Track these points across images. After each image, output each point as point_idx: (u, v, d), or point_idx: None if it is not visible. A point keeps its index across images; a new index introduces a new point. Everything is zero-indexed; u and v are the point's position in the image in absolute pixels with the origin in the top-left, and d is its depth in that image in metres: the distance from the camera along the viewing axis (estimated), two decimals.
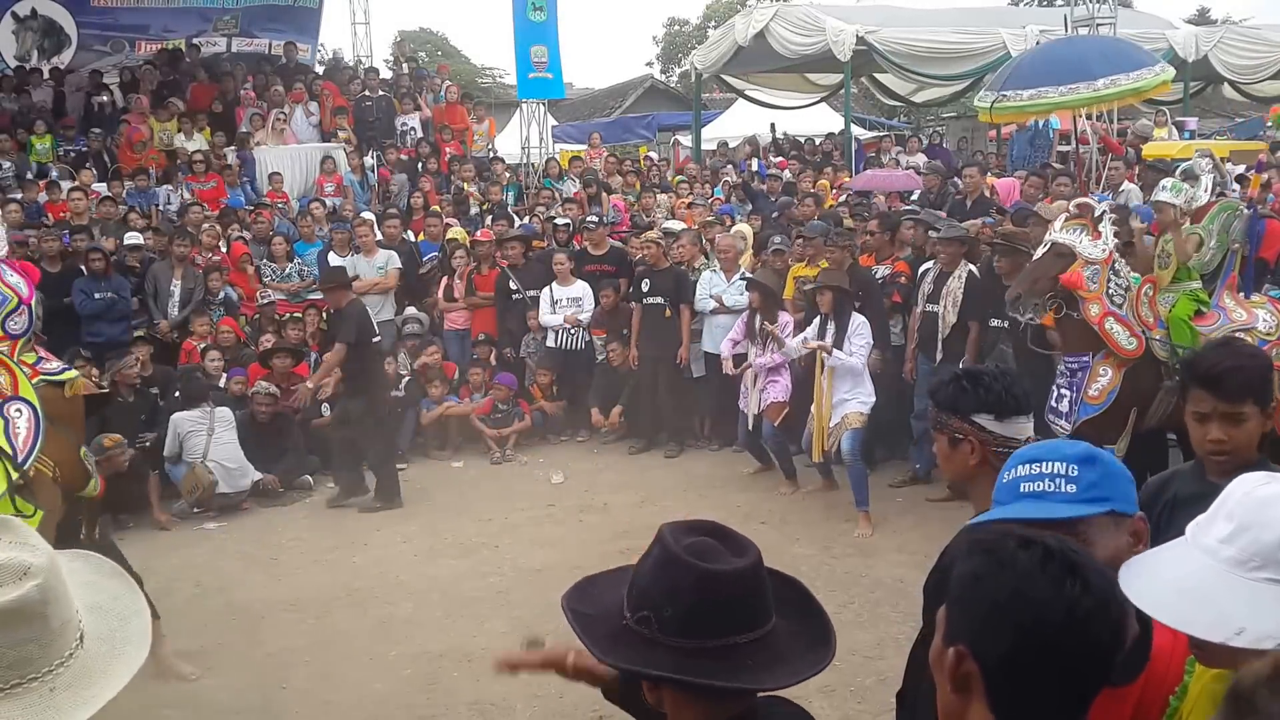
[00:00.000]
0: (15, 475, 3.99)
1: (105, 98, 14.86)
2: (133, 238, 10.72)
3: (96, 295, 9.77)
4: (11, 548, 1.46)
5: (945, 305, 7.75)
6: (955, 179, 11.68)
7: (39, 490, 4.23)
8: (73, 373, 4.57)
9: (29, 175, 12.61)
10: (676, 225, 10.80)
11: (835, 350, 7.35)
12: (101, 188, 12.37)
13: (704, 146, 19.05)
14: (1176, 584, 1.60)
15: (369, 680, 5.51)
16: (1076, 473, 1.98)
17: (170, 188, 12.80)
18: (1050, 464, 2.00)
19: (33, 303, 4.33)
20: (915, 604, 5.95)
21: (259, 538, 7.88)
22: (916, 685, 2.24)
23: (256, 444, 8.85)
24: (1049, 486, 1.99)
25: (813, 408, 7.64)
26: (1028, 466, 2.03)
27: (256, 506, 8.57)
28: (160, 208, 12.38)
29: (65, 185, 12.18)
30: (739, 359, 8.48)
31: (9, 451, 4.03)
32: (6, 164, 12.62)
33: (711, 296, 9.23)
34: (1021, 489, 2.02)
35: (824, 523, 7.51)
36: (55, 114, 14.29)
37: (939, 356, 7.77)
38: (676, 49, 39.10)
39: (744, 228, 10.67)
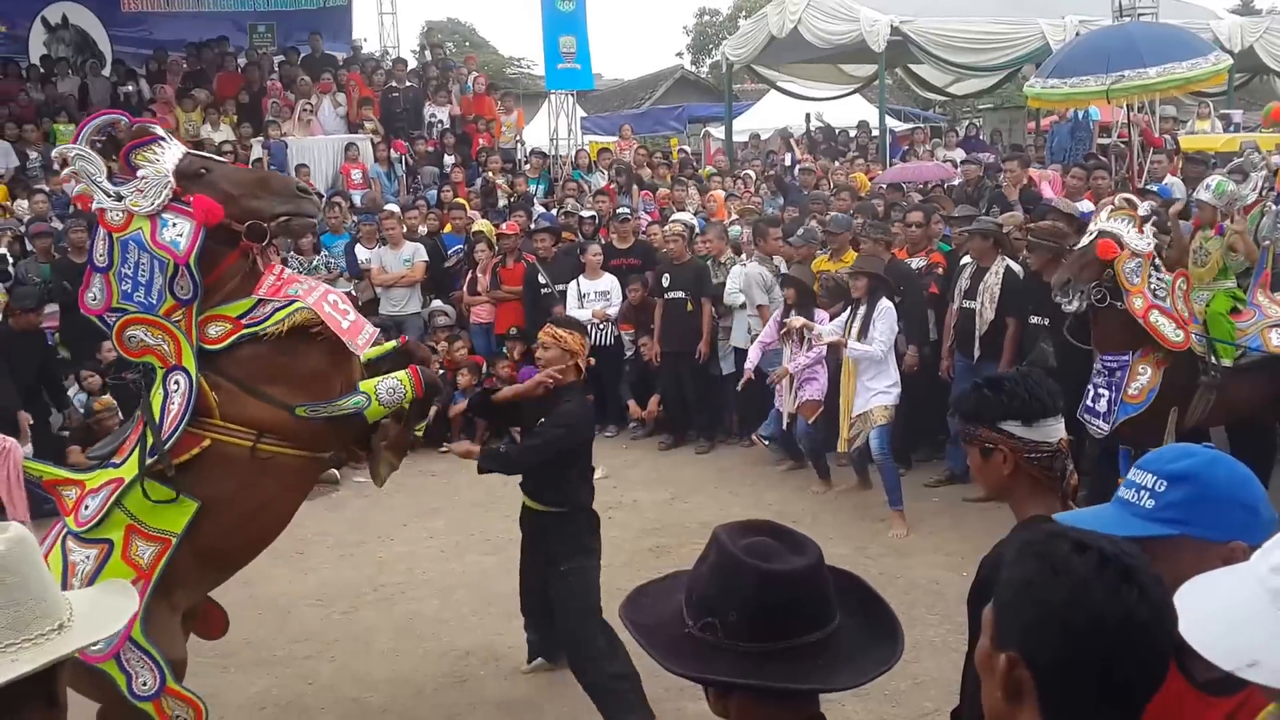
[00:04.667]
0: (150, 459, 3.68)
1: (131, 87, 14.88)
2: None
3: None
4: None
5: (982, 301, 7.58)
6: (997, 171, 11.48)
7: (218, 468, 3.82)
8: (296, 309, 3.76)
9: (55, 166, 12.60)
10: (689, 218, 10.65)
11: (851, 342, 7.22)
12: None
13: (735, 139, 18.88)
14: (1220, 605, 1.51)
15: (396, 677, 5.45)
16: (1163, 489, 1.89)
17: None
18: (1147, 474, 1.93)
19: (190, 261, 3.66)
20: (951, 606, 5.86)
21: (285, 530, 7.80)
22: (975, 706, 2.13)
23: None
24: (1133, 497, 1.92)
25: (840, 400, 7.53)
26: (1136, 471, 1.96)
27: None
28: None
29: None
30: (761, 373, 8.31)
31: (155, 427, 3.71)
32: (33, 154, 12.66)
33: (740, 291, 9.09)
34: (1120, 493, 1.97)
35: (858, 522, 7.37)
36: (81, 104, 14.31)
37: (977, 354, 7.60)
38: (708, 39, 38.85)
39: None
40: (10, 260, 10.34)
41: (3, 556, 1.54)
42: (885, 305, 7.29)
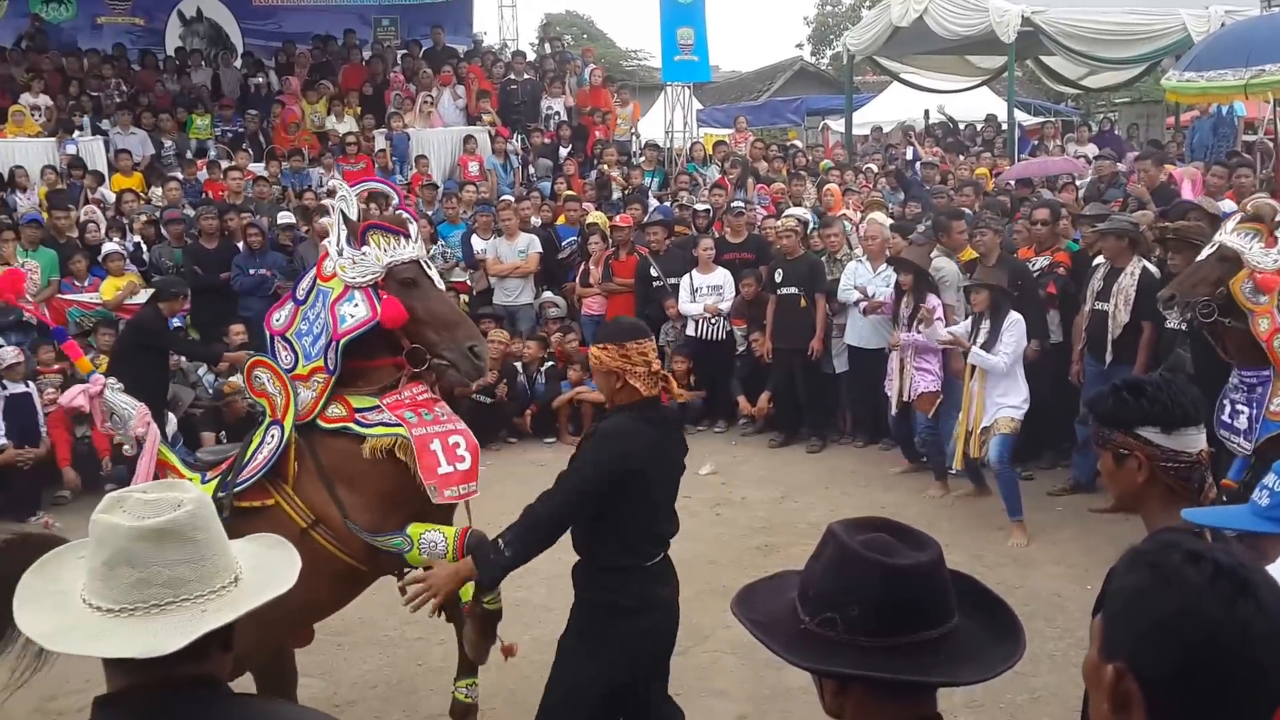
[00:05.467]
0: (220, 494, 3.73)
1: (260, 79, 15.34)
2: (285, 217, 11.03)
3: (251, 271, 10.05)
4: (170, 488, 1.75)
5: (1116, 304, 7.23)
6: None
7: (271, 530, 3.72)
8: (394, 434, 3.71)
9: (189, 154, 13.08)
10: (803, 212, 10.46)
11: (974, 348, 6.96)
12: (258, 167, 12.74)
13: (855, 132, 18.54)
14: None
15: (502, 663, 5.44)
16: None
17: (322, 169, 13.10)
18: (1272, 474, 1.92)
19: (341, 341, 3.75)
20: (1073, 620, 5.63)
21: None
22: None
23: None
24: (1257, 495, 1.91)
25: (960, 414, 7.26)
26: (1271, 475, 1.93)
27: None
28: (313, 189, 12.70)
29: (224, 165, 12.61)
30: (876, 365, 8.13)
31: (239, 466, 3.81)
32: (168, 143, 13.13)
33: (856, 287, 8.90)
34: (1254, 494, 1.93)
35: (976, 529, 7.14)
36: (213, 95, 14.80)
37: (1109, 358, 7.25)
38: (828, 30, 38.32)
39: (881, 215, 10.22)
40: (145, 246, 10.75)
41: (193, 515, 1.67)
42: (1015, 317, 7.01)
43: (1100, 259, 7.59)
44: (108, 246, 10.31)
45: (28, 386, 8.70)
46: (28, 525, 8.00)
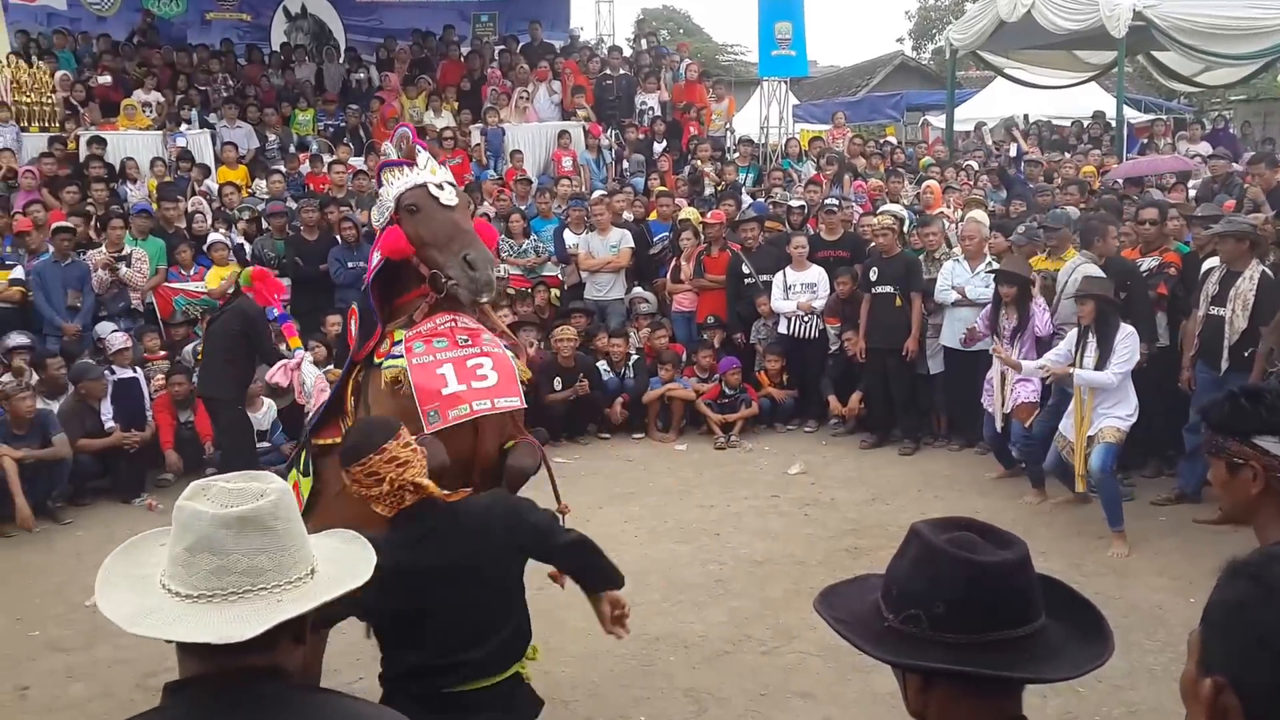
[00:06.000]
0: (307, 429, 4.00)
1: (362, 74, 15.63)
2: None
3: (349, 264, 10.24)
4: (254, 478, 1.74)
5: (1234, 309, 6.92)
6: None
7: (331, 467, 3.84)
8: (396, 364, 3.79)
9: (291, 148, 13.38)
10: (899, 209, 10.27)
11: (1077, 370, 6.74)
12: (358, 161, 12.98)
13: (957, 128, 18.15)
14: None
15: (586, 654, 5.47)
16: None
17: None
18: None
19: (367, 283, 4.03)
20: (1174, 633, 5.44)
21: None
22: None
23: None
24: None
25: (1061, 426, 7.03)
26: None
27: None
28: None
29: (326, 159, 12.88)
30: (974, 367, 7.94)
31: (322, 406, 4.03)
32: (272, 137, 13.45)
33: (953, 288, 8.70)
34: None
35: (1074, 537, 6.93)
36: (317, 90, 15.12)
37: (1224, 365, 6.96)
38: (931, 24, 37.74)
39: (980, 214, 9.95)
40: (246, 241, 11.02)
41: (274, 505, 1.68)
42: (1127, 330, 6.75)
43: (1213, 261, 7.29)
44: (213, 236, 10.60)
45: (135, 372, 9.00)
46: (132, 506, 8.29)
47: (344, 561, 1.83)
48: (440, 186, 3.89)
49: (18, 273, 9.74)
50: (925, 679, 1.66)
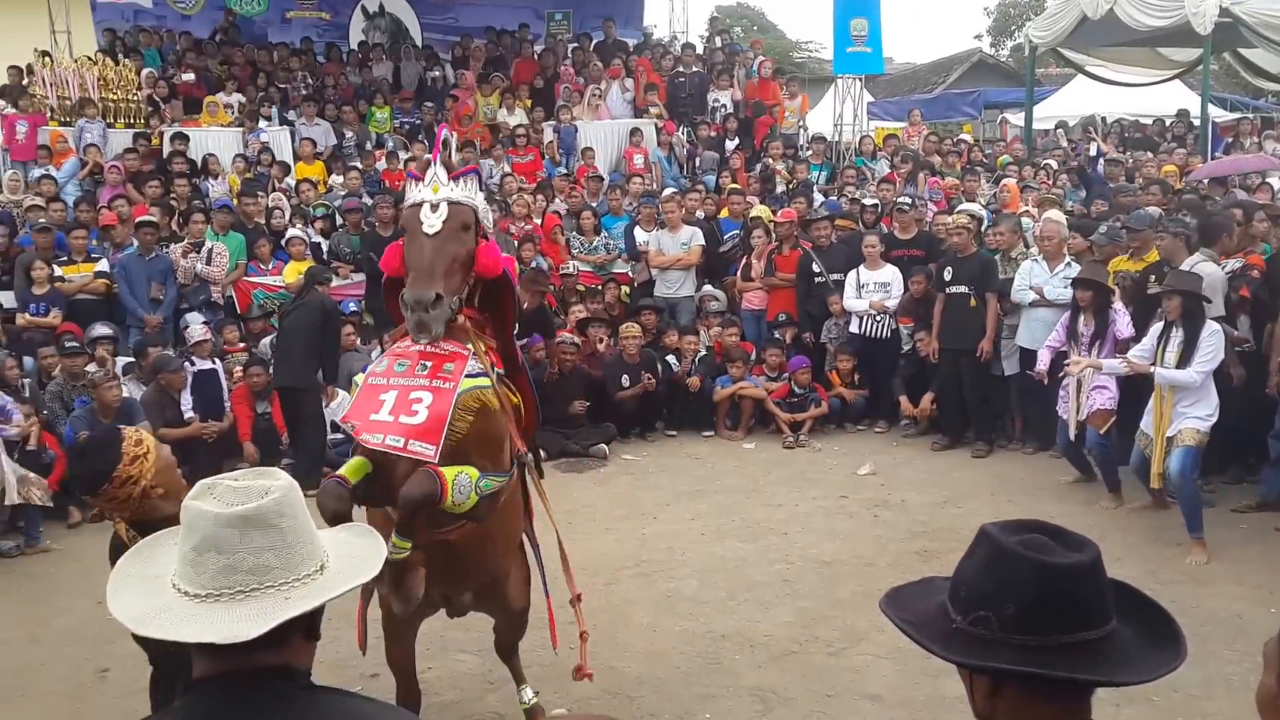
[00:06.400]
0: None
1: (437, 72, 15.79)
2: None
3: None
4: (260, 475, 1.73)
5: None
6: None
7: None
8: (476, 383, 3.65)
9: (368, 145, 13.57)
10: (976, 208, 10.11)
11: (1158, 368, 6.56)
12: None
13: (1036, 126, 17.83)
14: None
15: (653, 650, 5.49)
16: None
17: (492, 161, 13.41)
18: None
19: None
20: (1254, 643, 5.26)
21: (554, 500, 8.06)
22: None
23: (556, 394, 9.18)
24: None
25: (1142, 423, 6.87)
26: None
27: (553, 470, 8.78)
28: (483, 180, 12.99)
29: (401, 155, 13.03)
30: (1053, 367, 7.76)
31: None
32: (349, 134, 13.63)
33: (1031, 288, 8.55)
34: None
35: (1150, 544, 6.77)
36: (393, 88, 15.31)
37: None
38: (1010, 20, 37.08)
39: (1058, 214, 9.74)
40: (323, 237, 11.20)
41: (279, 503, 1.67)
42: (1213, 328, 6.57)
43: None
44: (291, 232, 10.81)
45: (214, 364, 9.20)
46: None
47: (355, 555, 1.81)
48: (435, 207, 3.62)
49: (103, 265, 10.02)
50: (994, 682, 1.64)
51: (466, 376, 3.59)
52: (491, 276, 3.70)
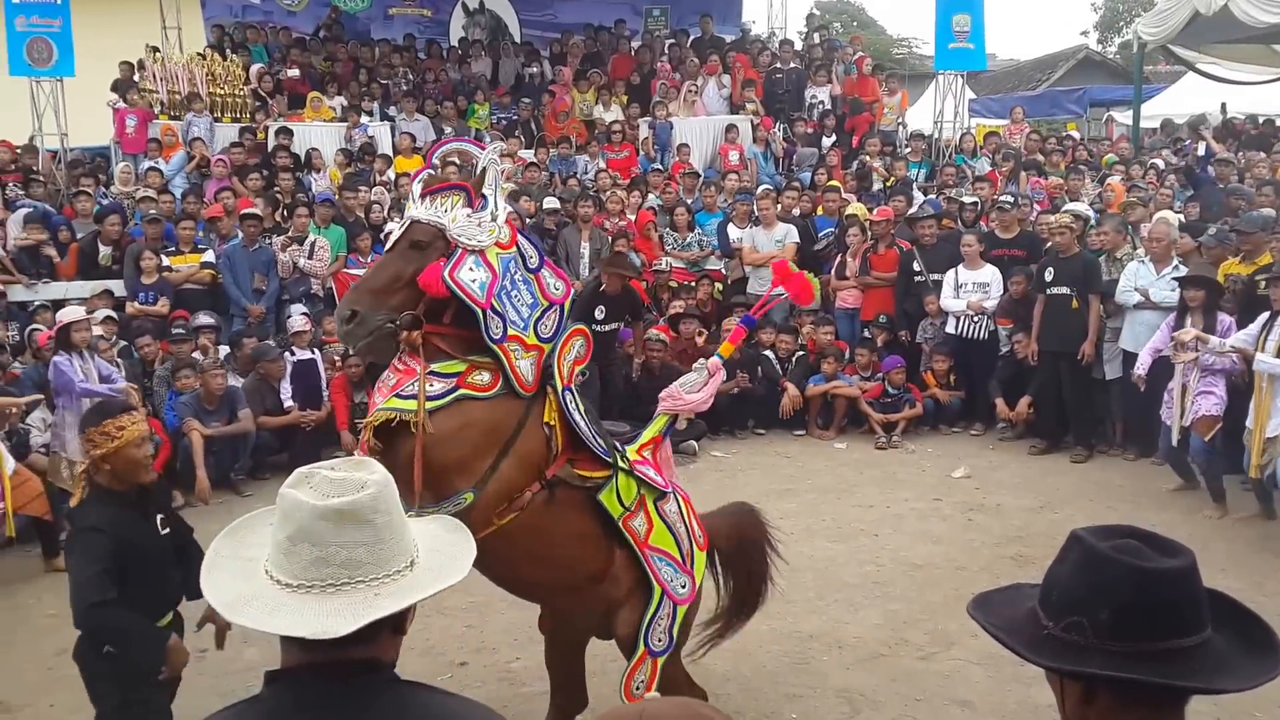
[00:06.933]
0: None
1: (535, 69, 15.93)
2: (550, 202, 11.38)
3: None
4: (358, 467, 1.74)
5: None
6: None
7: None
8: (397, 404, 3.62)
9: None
10: (1081, 208, 9.84)
11: (1259, 355, 6.33)
12: (527, 154, 13.25)
13: (1143, 124, 17.28)
14: None
15: (740, 649, 5.45)
16: None
17: (588, 157, 13.48)
18: None
19: (566, 302, 3.81)
20: None
21: None
22: None
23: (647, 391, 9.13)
24: None
25: (1248, 420, 6.65)
26: None
27: None
28: (579, 175, 13.07)
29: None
30: (1154, 376, 7.52)
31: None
32: (448, 129, 13.82)
33: (1137, 290, 8.29)
34: None
35: (1256, 555, 6.54)
36: (491, 84, 15.49)
37: None
38: (1118, 17, 36.02)
39: (1169, 215, 9.43)
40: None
41: (374, 498, 1.67)
42: None
43: None
44: (389, 226, 11.00)
45: (314, 354, 9.43)
46: None
47: (445, 551, 1.81)
48: (407, 223, 3.64)
49: (209, 256, 10.34)
50: (1087, 689, 1.61)
51: (395, 395, 3.56)
52: (434, 294, 3.56)
